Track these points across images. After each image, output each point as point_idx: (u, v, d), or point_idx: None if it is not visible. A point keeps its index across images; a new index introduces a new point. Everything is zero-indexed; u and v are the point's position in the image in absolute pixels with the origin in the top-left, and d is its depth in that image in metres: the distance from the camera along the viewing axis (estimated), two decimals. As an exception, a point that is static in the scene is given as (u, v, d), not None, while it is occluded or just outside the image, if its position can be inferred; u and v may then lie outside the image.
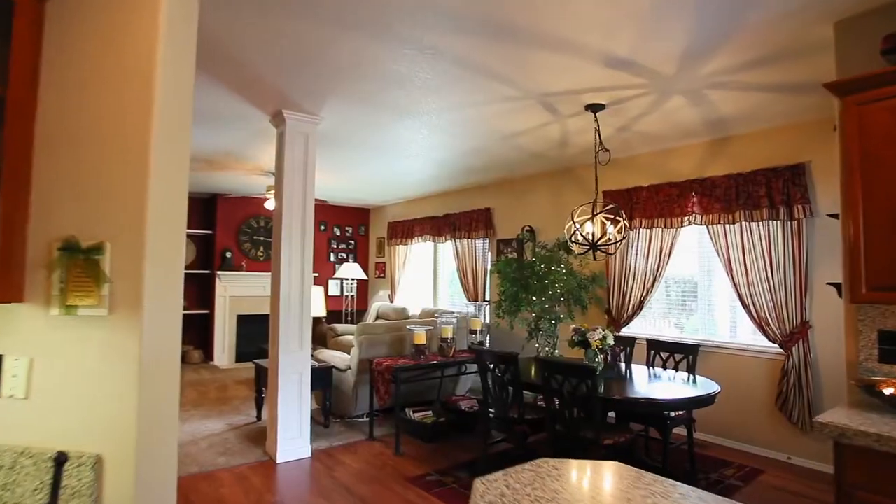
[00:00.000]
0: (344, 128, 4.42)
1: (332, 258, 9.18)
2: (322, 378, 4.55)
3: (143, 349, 1.34)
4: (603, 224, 3.59)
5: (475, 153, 5.28)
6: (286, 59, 3.00)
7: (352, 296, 9.07)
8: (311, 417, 4.05)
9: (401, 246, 8.55)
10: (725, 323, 4.84)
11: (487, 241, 6.95)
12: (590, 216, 3.61)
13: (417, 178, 6.68)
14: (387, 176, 6.60)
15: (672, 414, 3.39)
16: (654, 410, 3.21)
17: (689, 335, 4.99)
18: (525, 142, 4.80)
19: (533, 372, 3.78)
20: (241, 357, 8.03)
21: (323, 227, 9.07)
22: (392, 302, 8.59)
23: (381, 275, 9.16)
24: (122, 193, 1.39)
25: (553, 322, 5.25)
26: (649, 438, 4.08)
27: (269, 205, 6.46)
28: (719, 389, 3.17)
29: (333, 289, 9.13)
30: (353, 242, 9.43)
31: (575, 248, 3.81)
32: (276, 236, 3.98)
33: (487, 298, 6.91)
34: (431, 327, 4.56)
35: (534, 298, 5.27)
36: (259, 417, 4.86)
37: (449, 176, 6.54)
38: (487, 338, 6.23)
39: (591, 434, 2.88)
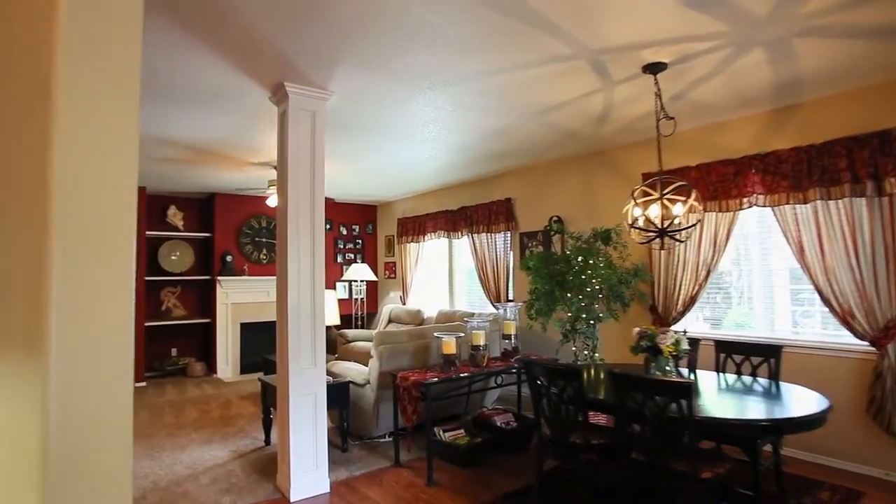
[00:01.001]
0: (353, 107, 3.84)
1: (339, 259, 8.61)
2: (338, 395, 3.98)
3: (49, 419, 0.76)
4: (665, 206, 3.01)
5: (500, 135, 4.69)
6: (290, 9, 2.43)
7: (361, 298, 8.49)
8: (328, 440, 3.48)
9: (412, 244, 7.97)
10: (785, 317, 4.27)
11: (509, 234, 6.37)
12: (655, 197, 3.03)
13: (431, 168, 6.10)
14: (397, 167, 6.02)
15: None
16: (752, 433, 2.62)
17: (735, 331, 4.43)
18: (561, 118, 4.22)
19: (599, 387, 3.20)
20: (245, 368, 7.47)
21: (329, 227, 8.49)
22: (405, 304, 8.02)
23: (392, 275, 8.59)
24: None
25: (592, 322, 4.69)
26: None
27: (272, 202, 5.89)
28: (830, 405, 2.58)
29: (341, 291, 8.56)
30: (360, 242, 8.86)
31: (635, 235, 3.22)
32: (282, 237, 3.40)
33: (511, 298, 6.34)
34: (462, 333, 3.98)
35: (569, 296, 4.71)
36: (268, 441, 4.29)
37: (466, 164, 5.96)
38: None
39: (683, 465, 2.30)
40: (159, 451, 4.20)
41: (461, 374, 3.81)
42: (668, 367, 2.89)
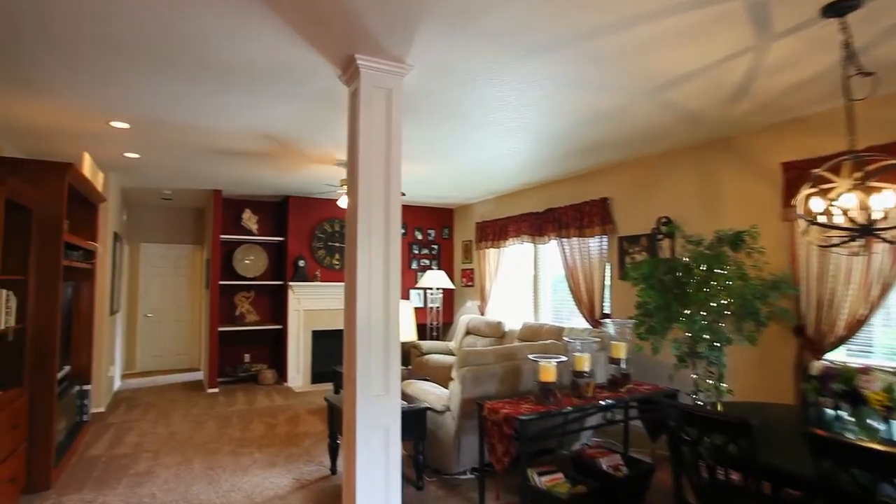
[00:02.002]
0: (434, 85, 3.27)
1: (414, 265, 8.13)
2: (413, 424, 3.41)
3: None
4: (868, 194, 2.16)
5: (603, 120, 3.95)
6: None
7: (437, 308, 7.95)
8: (402, 474, 2.89)
9: (492, 249, 7.33)
10: None
11: (605, 239, 5.56)
12: (852, 184, 2.19)
13: (516, 164, 5.43)
14: (479, 164, 5.40)
15: None
16: None
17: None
18: (683, 95, 3.43)
19: (777, 446, 2.39)
20: (316, 378, 7.13)
21: (403, 231, 8.03)
22: (483, 314, 7.39)
23: (469, 283, 7.98)
24: None
25: (717, 345, 3.82)
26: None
27: (343, 203, 5.46)
28: None
29: (415, 300, 8.06)
30: (436, 247, 8.33)
31: (812, 235, 2.39)
32: (351, 240, 2.87)
33: (607, 312, 5.52)
34: (563, 358, 3.28)
35: (687, 312, 3.88)
36: (334, 470, 3.79)
37: (557, 159, 5.24)
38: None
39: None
40: (220, 471, 3.81)
41: (563, 409, 3.10)
42: (877, 424, 2.04)
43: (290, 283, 6.97)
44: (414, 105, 3.59)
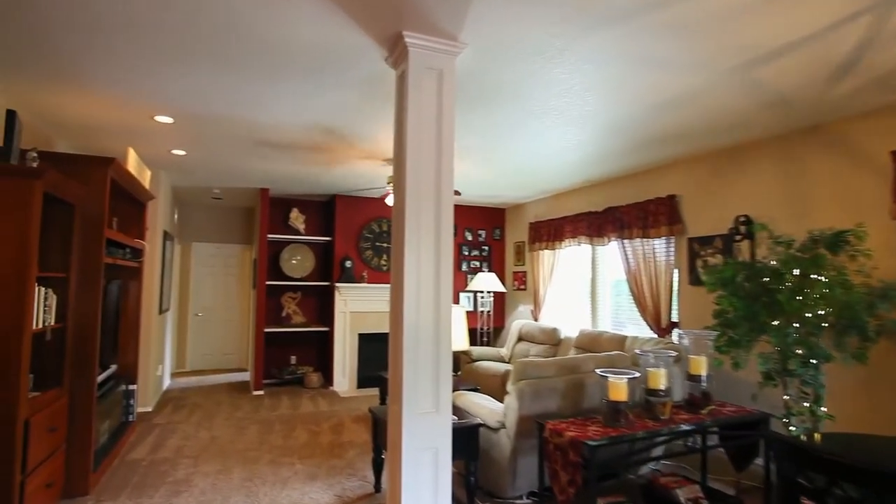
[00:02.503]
0: (489, 66, 2.95)
1: (464, 267, 7.81)
2: (465, 442, 3.08)
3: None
4: None
5: (677, 105, 3.51)
6: None
7: (487, 312, 7.60)
8: (452, 495, 2.57)
9: (546, 251, 6.92)
10: None
11: (672, 240, 5.07)
12: None
13: (575, 159, 5.02)
14: (534, 159, 5.03)
15: None
16: None
17: None
18: (774, 73, 2.95)
19: None
20: (362, 382, 6.93)
21: (453, 232, 7.73)
22: (537, 319, 6.98)
23: (521, 286, 7.59)
24: None
25: (813, 362, 3.32)
26: None
27: (391, 200, 5.21)
28: None
29: (465, 303, 7.74)
30: (486, 248, 7.99)
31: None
32: (397, 240, 2.58)
33: (675, 320, 5.03)
34: (635, 374, 2.87)
35: (775, 323, 3.41)
36: (378, 488, 3.52)
37: (620, 153, 4.80)
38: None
39: None
40: (259, 483, 3.60)
41: (637, 434, 2.70)
42: None
43: (337, 285, 6.80)
44: (463, 91, 3.28)
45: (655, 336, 5.05)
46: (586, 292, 6.37)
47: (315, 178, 5.99)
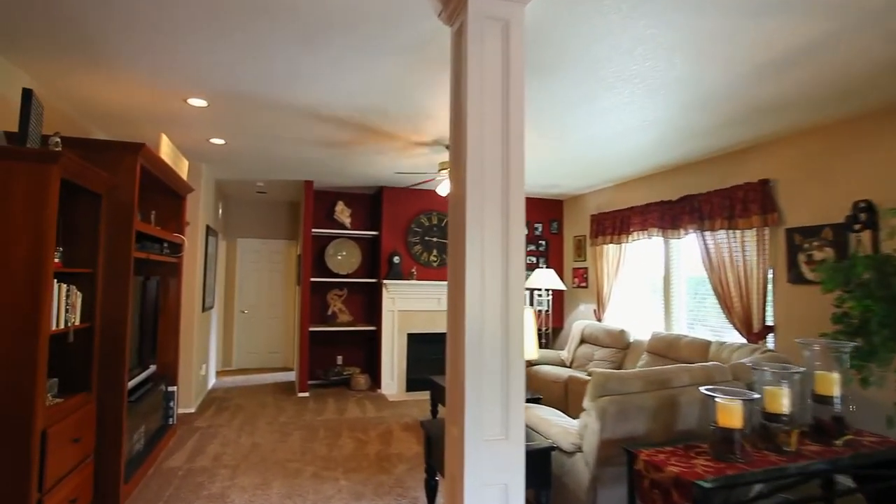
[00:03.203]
0: (549, 21, 2.44)
1: (518, 263, 7.28)
2: (535, 467, 2.59)
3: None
4: None
5: (786, 66, 2.87)
6: None
7: (546, 311, 7.05)
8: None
9: (610, 245, 6.30)
10: None
11: (766, 231, 4.38)
12: None
13: (647, 141, 4.41)
14: (601, 141, 4.45)
15: None
16: None
17: None
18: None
19: None
20: (412, 385, 6.54)
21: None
22: (600, 320, 6.39)
23: (582, 283, 6.99)
24: None
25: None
26: None
27: (443, 189, 4.76)
28: None
29: (520, 302, 7.21)
30: (543, 243, 7.43)
31: None
32: (456, 232, 2.11)
33: (770, 323, 4.35)
34: (754, 395, 2.30)
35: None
36: (431, 513, 3.08)
37: (702, 132, 4.16)
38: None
39: None
40: (299, 501, 3.24)
41: (756, 471, 2.13)
42: None
43: (385, 282, 6.43)
44: (530, 54, 2.78)
45: (745, 342, 4.39)
46: (658, 291, 5.73)
47: (360, 168, 5.62)
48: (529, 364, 6.01)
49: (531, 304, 7.24)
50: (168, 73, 3.08)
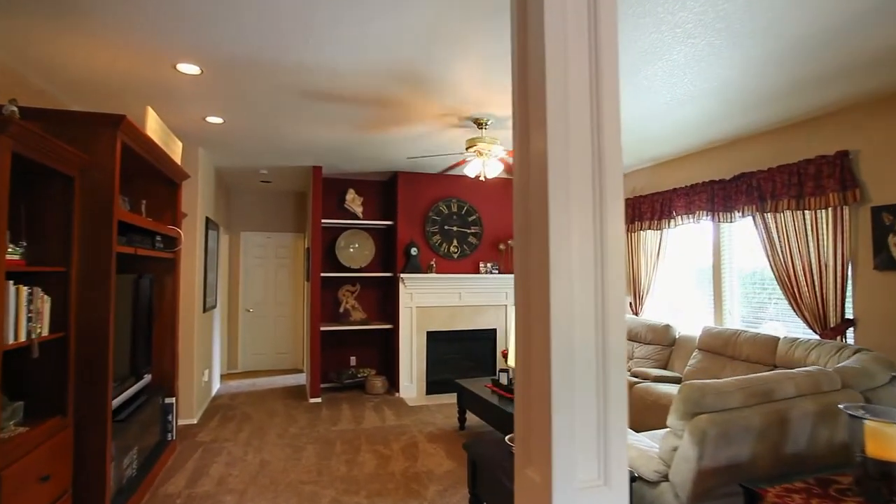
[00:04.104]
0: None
1: (545, 253, 6.73)
2: (615, 507, 2.06)
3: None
4: None
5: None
6: None
7: (576, 305, 6.50)
8: None
9: (650, 231, 5.74)
10: None
11: (845, 211, 3.81)
12: None
13: (704, 109, 3.84)
14: (653, 110, 3.88)
15: None
16: None
17: None
18: None
19: None
20: (432, 388, 6.02)
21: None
22: (636, 314, 5.84)
23: (614, 275, 6.42)
24: None
25: None
26: None
27: (472, 169, 4.21)
28: None
29: (547, 295, 6.67)
30: (570, 231, 6.86)
31: None
32: (537, 205, 1.66)
33: (850, 317, 3.79)
34: (922, 416, 1.77)
35: None
36: (479, 555, 2.56)
37: (770, 97, 3.58)
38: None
39: None
40: (320, 538, 2.73)
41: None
42: None
43: (402, 275, 5.89)
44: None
45: (818, 338, 3.84)
46: (705, 281, 5.17)
47: (374, 150, 5.07)
48: (563, 363, 5.48)
49: (559, 297, 6.70)
50: (152, 30, 2.54)
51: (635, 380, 4.62)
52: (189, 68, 3.04)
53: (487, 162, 4.00)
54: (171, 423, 3.98)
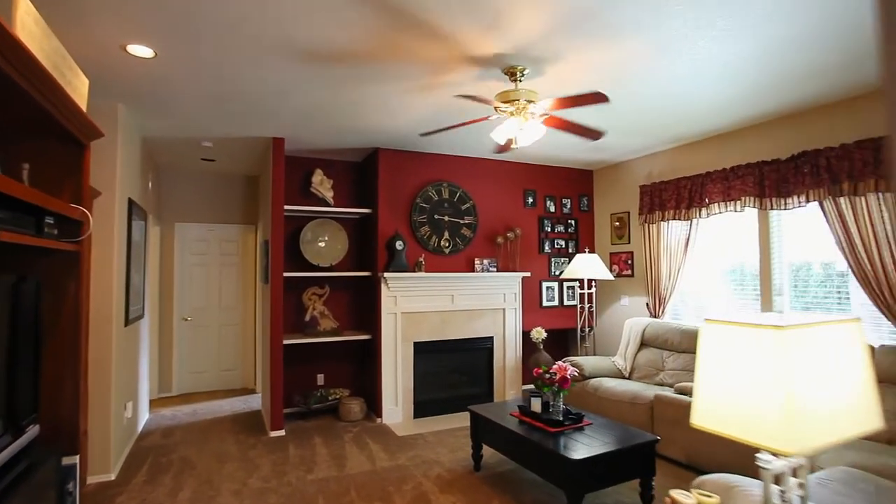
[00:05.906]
0: None
1: (547, 247, 5.83)
2: None
3: None
4: None
5: None
6: None
7: (589, 308, 5.65)
8: None
9: (674, 222, 4.95)
10: None
11: (943, 193, 3.12)
12: None
13: (758, 78, 3.03)
14: (691, 81, 3.03)
15: None
16: None
17: None
18: None
19: None
20: (421, 410, 4.98)
21: (532, 201, 5.74)
22: (657, 317, 5.05)
23: (625, 271, 5.63)
24: None
25: None
26: None
27: (501, 133, 3.17)
28: None
29: (550, 296, 5.78)
30: (572, 223, 6.01)
31: None
32: None
33: (959, 318, 3.09)
34: None
35: None
36: None
37: (838, 66, 2.79)
38: None
39: None
40: None
41: None
42: None
43: (385, 275, 4.79)
44: None
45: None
46: (751, 278, 4.42)
47: (352, 119, 3.96)
48: (582, 377, 4.60)
49: (560, 299, 5.83)
50: None
51: (682, 397, 3.79)
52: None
53: (525, 124, 3.00)
54: (73, 494, 2.72)
